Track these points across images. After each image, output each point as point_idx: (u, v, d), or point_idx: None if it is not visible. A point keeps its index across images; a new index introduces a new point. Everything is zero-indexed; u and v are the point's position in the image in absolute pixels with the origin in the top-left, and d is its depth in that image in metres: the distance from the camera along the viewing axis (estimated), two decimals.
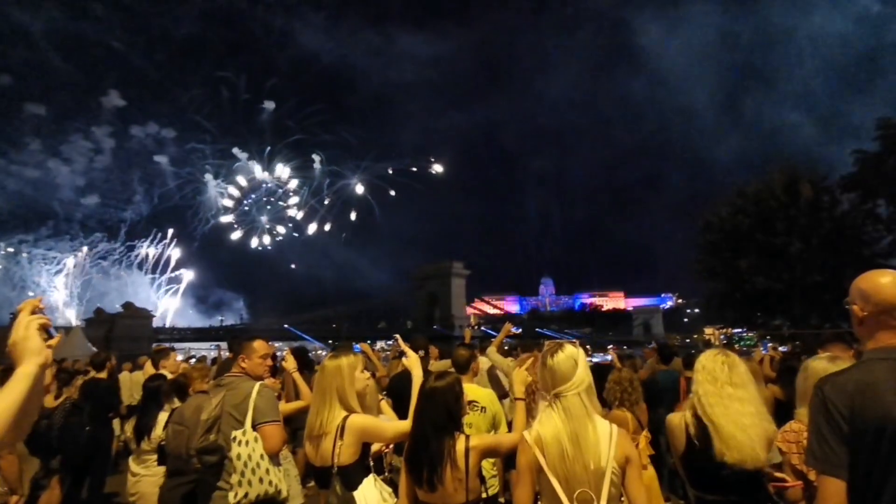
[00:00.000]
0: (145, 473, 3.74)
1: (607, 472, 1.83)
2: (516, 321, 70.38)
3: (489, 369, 5.16)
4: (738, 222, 23.80)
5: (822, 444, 1.55)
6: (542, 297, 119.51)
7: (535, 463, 1.90)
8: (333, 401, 2.46)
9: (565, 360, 2.00)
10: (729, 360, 2.53)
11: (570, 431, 1.88)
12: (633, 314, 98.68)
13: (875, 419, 1.50)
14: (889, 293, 1.63)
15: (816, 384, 1.65)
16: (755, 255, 23.01)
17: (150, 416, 3.81)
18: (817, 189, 23.31)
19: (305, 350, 5.94)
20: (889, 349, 1.60)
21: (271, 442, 2.68)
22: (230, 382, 2.84)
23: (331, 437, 2.38)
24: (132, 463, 3.85)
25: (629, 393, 3.88)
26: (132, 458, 3.88)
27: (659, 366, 6.25)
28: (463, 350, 3.97)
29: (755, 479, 2.40)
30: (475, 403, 3.58)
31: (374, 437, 2.51)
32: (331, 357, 2.63)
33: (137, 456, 3.82)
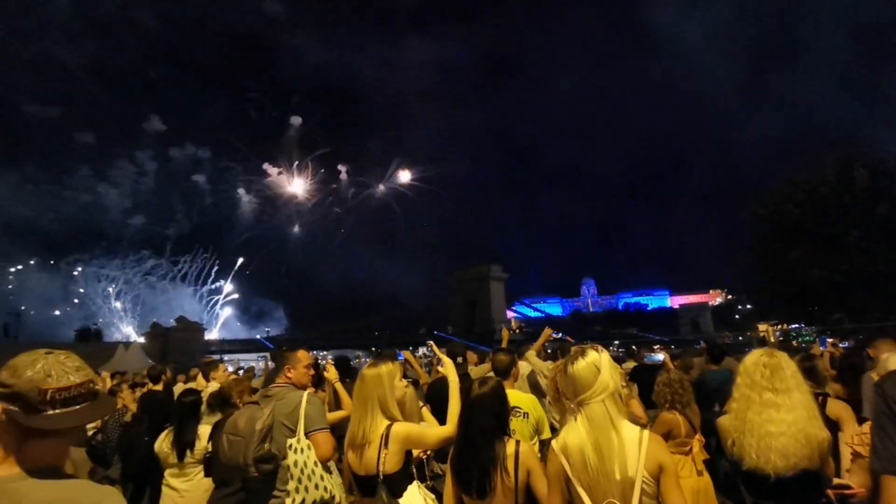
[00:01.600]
0: (188, 489, 3.82)
1: (637, 481, 1.77)
2: (558, 324, 69.32)
3: (529, 374, 5.11)
4: (787, 212, 22.70)
5: (885, 443, 1.48)
6: (585, 299, 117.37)
7: (562, 472, 1.88)
8: (375, 409, 2.50)
9: (586, 367, 1.96)
10: (772, 363, 2.42)
11: (594, 440, 1.84)
12: (679, 312, 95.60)
13: None
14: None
15: (877, 382, 1.58)
16: (808, 245, 21.88)
17: (189, 430, 3.87)
18: (874, 173, 22.00)
19: (347, 359, 6.05)
20: None
21: (323, 449, 2.73)
22: (278, 392, 2.92)
23: (375, 445, 2.42)
24: (171, 479, 3.89)
25: (680, 395, 3.76)
26: (169, 473, 3.91)
27: (709, 365, 6.04)
28: (503, 355, 3.95)
29: (811, 484, 2.29)
30: (517, 409, 3.55)
31: (418, 444, 2.54)
32: (370, 366, 2.67)
33: (180, 470, 3.87)
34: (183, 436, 3.86)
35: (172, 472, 3.90)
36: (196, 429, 3.89)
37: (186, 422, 3.92)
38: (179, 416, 3.97)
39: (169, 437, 3.92)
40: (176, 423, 3.94)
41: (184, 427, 3.89)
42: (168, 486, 3.90)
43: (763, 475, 2.30)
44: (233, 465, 2.79)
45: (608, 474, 1.80)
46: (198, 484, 3.79)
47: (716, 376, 5.39)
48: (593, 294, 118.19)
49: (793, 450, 2.26)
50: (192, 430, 3.88)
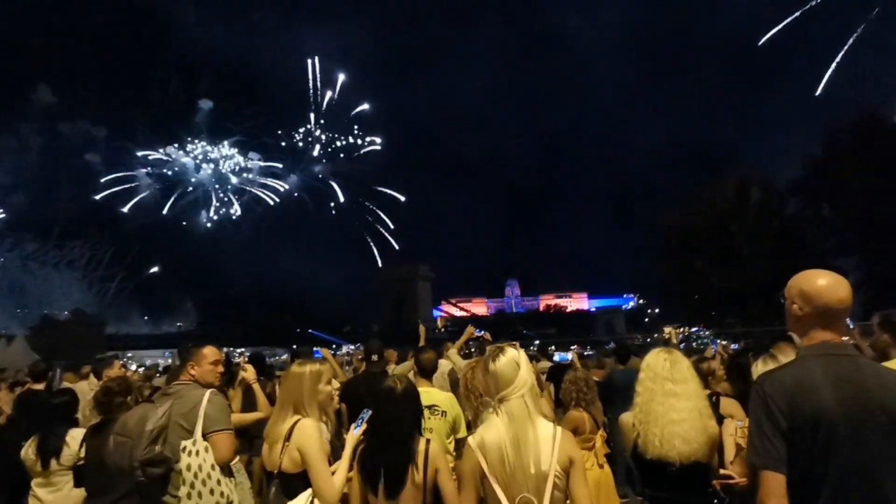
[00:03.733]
0: (55, 500, 3.44)
1: (550, 476, 1.83)
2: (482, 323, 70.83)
3: (449, 372, 5.15)
4: (693, 225, 24.71)
5: (762, 441, 1.60)
6: (508, 299, 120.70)
7: (478, 469, 1.89)
8: (289, 408, 2.41)
9: (507, 363, 1.99)
10: (671, 357, 2.62)
11: (512, 436, 1.86)
12: (596, 314, 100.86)
13: (811, 414, 1.55)
14: (827, 295, 1.69)
15: (756, 381, 1.71)
16: (709, 256, 23.94)
17: (56, 435, 3.46)
18: (766, 192, 24.46)
19: (263, 357, 5.78)
20: (824, 346, 1.67)
21: (223, 451, 2.58)
22: (178, 391, 2.73)
23: (280, 442, 2.34)
24: (37, 489, 3.49)
25: (585, 393, 3.95)
26: (35, 482, 3.51)
27: (617, 365, 6.39)
28: (427, 353, 3.94)
29: (702, 475, 2.48)
30: (436, 407, 3.56)
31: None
32: (297, 364, 2.56)
33: (46, 479, 3.46)
34: (47, 441, 3.44)
35: (38, 482, 3.50)
36: (65, 433, 3.48)
37: (54, 425, 3.50)
38: (47, 418, 3.56)
39: (35, 442, 3.50)
40: (42, 427, 3.52)
41: (50, 431, 3.48)
42: (34, 497, 3.50)
43: (665, 465, 2.43)
44: (118, 470, 2.57)
45: (524, 469, 1.83)
46: (66, 495, 3.41)
47: (622, 376, 5.70)
48: (517, 295, 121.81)
49: (693, 435, 2.43)
50: (59, 435, 3.46)
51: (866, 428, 1.51)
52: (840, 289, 1.68)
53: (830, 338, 1.67)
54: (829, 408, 1.54)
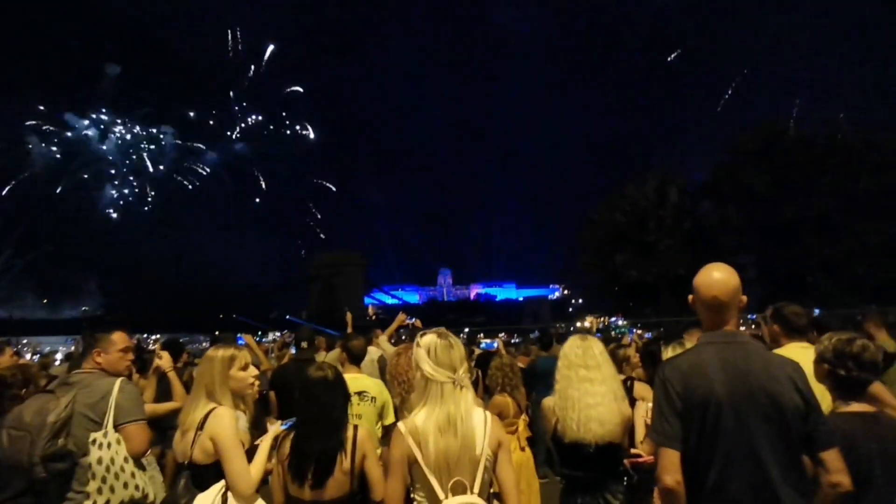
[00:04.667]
0: None
1: (482, 459, 1.86)
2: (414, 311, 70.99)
3: (379, 359, 5.15)
4: (615, 220, 26.11)
5: (661, 420, 1.75)
6: (440, 288, 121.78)
7: (409, 454, 1.88)
8: (202, 394, 2.31)
9: (442, 348, 1.99)
10: (584, 344, 2.78)
11: (446, 420, 1.88)
12: (523, 304, 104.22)
13: (702, 396, 1.72)
14: (709, 288, 1.85)
15: (659, 367, 1.87)
16: (629, 250, 25.43)
17: None
18: (682, 193, 26.28)
19: (179, 342, 5.46)
20: (716, 334, 1.85)
21: (136, 442, 2.44)
22: (81, 380, 2.52)
23: (192, 431, 2.23)
24: None
25: (510, 378, 4.10)
26: None
27: (540, 352, 6.67)
28: (356, 340, 3.92)
29: (616, 455, 2.67)
30: (365, 394, 3.56)
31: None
32: (213, 349, 2.45)
33: None
34: None
35: None
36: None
37: None
38: None
39: None
40: None
41: None
42: None
43: (582, 446, 2.59)
44: (12, 467, 2.35)
45: (459, 454, 1.85)
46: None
47: (544, 362, 5.96)
48: (449, 284, 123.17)
49: (608, 417, 2.60)
50: None
51: (749, 409, 1.70)
52: (719, 284, 1.84)
53: (725, 327, 1.85)
54: (717, 390, 1.71)
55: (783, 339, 2.87)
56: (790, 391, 1.71)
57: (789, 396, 1.70)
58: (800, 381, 1.74)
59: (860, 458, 1.85)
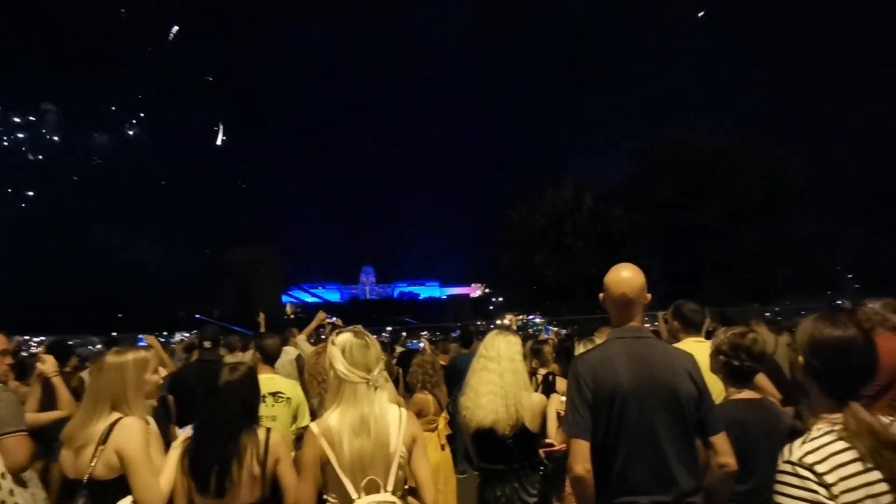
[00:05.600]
0: None
1: (395, 457, 1.86)
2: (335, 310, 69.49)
3: (297, 358, 4.99)
4: (534, 221, 27.18)
5: (573, 412, 1.85)
6: (363, 286, 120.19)
7: (322, 455, 1.85)
8: (107, 404, 2.13)
9: (356, 348, 1.97)
10: (494, 338, 2.90)
11: (360, 422, 1.86)
12: (447, 302, 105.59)
13: (610, 388, 1.83)
14: (615, 286, 1.99)
15: (572, 361, 1.96)
16: (547, 250, 26.57)
17: None
18: (597, 197, 27.88)
19: (66, 344, 4.94)
20: (624, 329, 1.98)
21: (16, 455, 2.23)
22: None
23: (92, 446, 2.05)
24: None
25: (430, 375, 4.14)
26: None
27: (461, 350, 6.78)
28: (271, 339, 3.76)
29: (530, 446, 2.76)
30: (280, 395, 3.43)
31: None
32: (115, 353, 2.24)
33: None
34: None
35: None
36: None
37: None
38: None
39: None
40: None
41: None
42: None
43: (488, 436, 2.67)
44: None
45: (374, 453, 1.83)
46: None
47: (465, 359, 6.07)
48: (371, 282, 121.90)
49: (495, 406, 2.68)
50: None
51: (651, 399, 1.83)
52: (627, 282, 1.99)
53: (631, 322, 1.99)
54: (623, 382, 1.83)
55: (681, 335, 3.13)
56: (686, 382, 1.86)
57: (685, 386, 1.85)
58: (694, 373, 1.90)
59: (749, 439, 2.05)
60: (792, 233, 22.74)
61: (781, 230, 22.59)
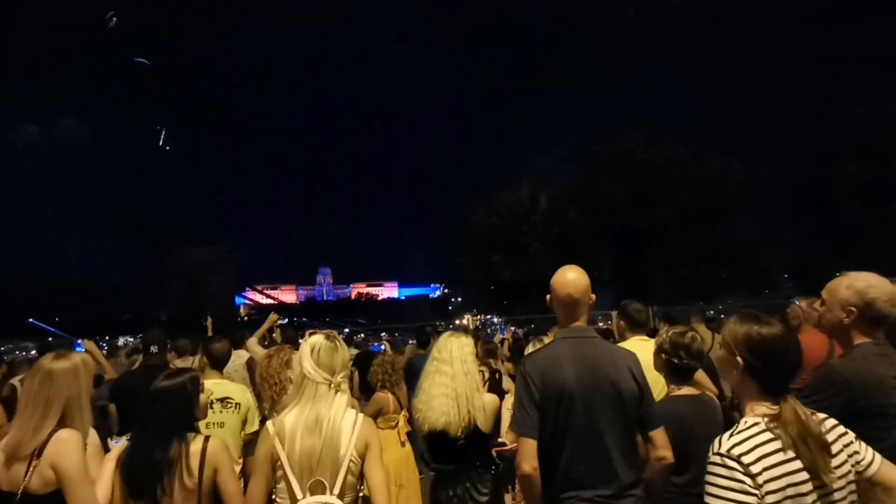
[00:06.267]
0: None
1: (345, 461, 1.86)
2: (291, 311, 67.97)
3: (248, 361, 4.88)
4: (491, 223, 27.50)
5: (521, 411, 1.90)
6: (320, 287, 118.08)
7: (273, 453, 1.86)
8: (55, 413, 2.02)
9: (324, 349, 1.98)
10: (446, 340, 2.95)
11: (315, 421, 1.87)
12: (405, 303, 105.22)
13: (556, 387, 1.89)
14: (560, 288, 2.06)
15: (521, 360, 2.01)
16: (504, 251, 26.94)
17: None
18: (553, 200, 28.48)
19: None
20: (570, 330, 2.05)
21: None
22: None
23: (27, 459, 1.94)
24: None
25: (390, 375, 4.16)
26: None
27: (418, 350, 6.79)
28: (219, 343, 3.66)
29: (482, 445, 2.80)
30: (228, 400, 3.35)
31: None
32: (56, 358, 2.12)
33: None
34: None
35: None
36: None
37: None
38: None
39: None
40: None
41: None
42: None
43: (441, 437, 2.69)
44: None
45: (324, 454, 1.83)
46: None
47: (421, 359, 6.08)
48: (328, 283, 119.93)
49: (447, 409, 2.71)
50: None
51: (595, 397, 1.91)
52: (573, 283, 2.07)
53: (577, 322, 2.05)
54: (569, 382, 1.90)
55: (627, 333, 3.25)
56: (628, 379, 1.95)
57: (627, 384, 1.94)
58: (636, 370, 1.99)
59: (687, 433, 2.16)
60: (733, 235, 23.97)
61: (724, 232, 23.80)
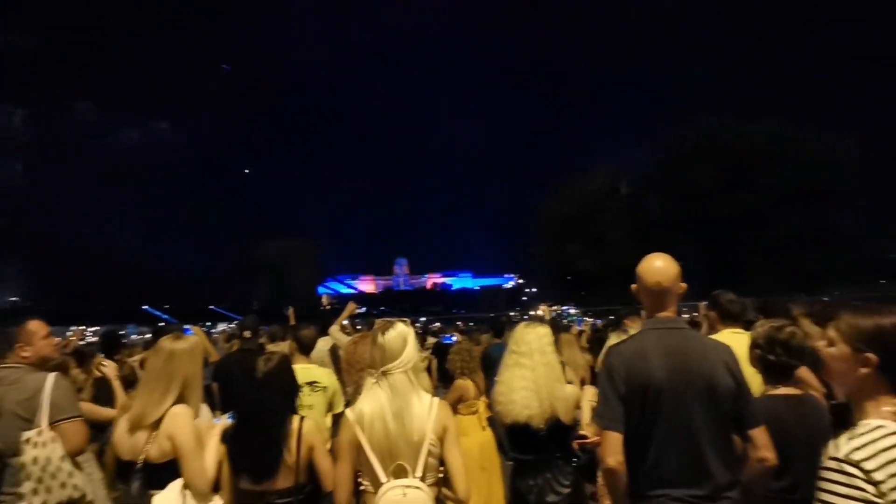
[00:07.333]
0: None
1: (424, 444, 1.90)
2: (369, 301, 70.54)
3: (331, 348, 5.11)
4: (566, 212, 26.81)
5: (604, 403, 1.83)
6: (397, 278, 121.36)
7: (355, 441, 1.92)
8: (173, 389, 2.22)
9: (395, 337, 2.01)
10: (524, 331, 2.89)
11: (395, 408, 1.91)
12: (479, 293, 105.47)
13: (642, 380, 1.80)
14: (649, 276, 1.94)
15: (606, 352, 1.95)
16: (580, 241, 26.20)
17: None
18: (632, 187, 27.27)
19: (118, 336, 5.17)
20: (658, 320, 1.94)
21: (74, 441, 2.36)
22: (7, 376, 2.39)
23: (147, 430, 2.17)
24: None
25: (467, 362, 4.21)
26: None
27: (493, 339, 6.79)
28: (306, 330, 3.88)
29: (563, 437, 2.76)
30: (316, 384, 3.53)
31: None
32: (174, 339, 2.34)
33: None
34: None
35: None
36: None
37: None
38: None
39: None
40: None
41: None
42: None
43: (522, 429, 2.67)
44: None
45: (402, 439, 1.88)
46: None
47: (497, 348, 6.08)
48: (405, 273, 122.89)
49: (529, 402, 2.68)
50: None
51: (686, 392, 1.80)
52: (661, 271, 1.94)
53: (666, 312, 1.94)
54: (656, 375, 1.80)
55: (719, 325, 3.05)
56: (723, 374, 1.82)
57: (722, 379, 1.81)
58: (732, 364, 1.85)
59: (786, 437, 1.98)
60: (841, 218, 21.64)
61: (827, 216, 21.54)
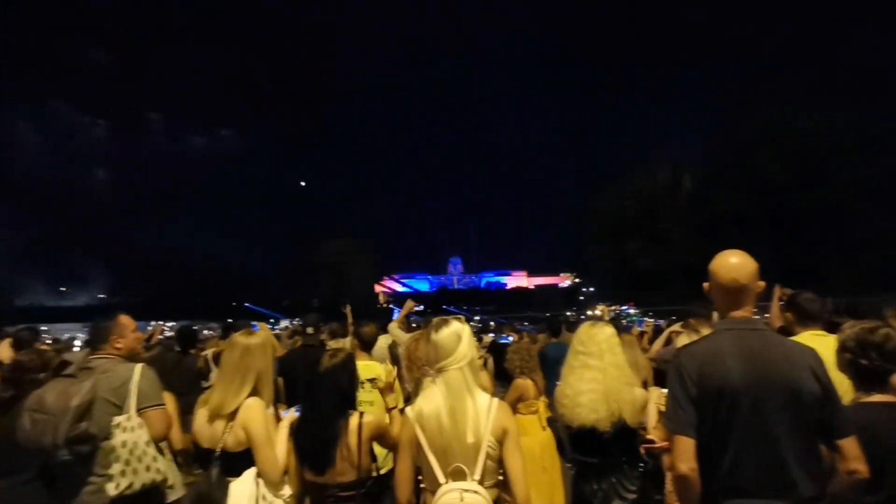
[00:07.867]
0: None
1: (483, 446, 1.87)
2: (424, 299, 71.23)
3: (390, 346, 5.19)
4: (625, 209, 25.90)
5: (675, 407, 1.75)
6: (451, 276, 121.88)
7: (414, 438, 1.93)
8: (248, 381, 2.35)
9: (449, 335, 2.01)
10: (590, 331, 2.79)
11: (450, 406, 1.90)
12: (534, 292, 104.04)
13: (716, 383, 1.70)
14: (723, 274, 1.82)
15: (675, 353, 1.86)
16: (640, 239, 25.25)
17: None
18: (697, 181, 25.98)
19: (192, 330, 5.50)
20: (734, 321, 1.83)
21: (157, 427, 2.52)
22: (100, 365, 2.59)
23: (224, 420, 2.30)
24: None
25: (527, 361, 4.16)
26: None
27: (550, 339, 6.68)
28: (367, 327, 3.96)
29: (628, 441, 2.67)
30: (376, 380, 3.60)
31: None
32: (246, 334, 2.48)
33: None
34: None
35: None
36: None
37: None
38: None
39: None
40: None
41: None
42: None
43: (588, 432, 2.60)
44: (34, 449, 2.42)
45: (459, 439, 1.87)
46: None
47: (554, 349, 5.98)
48: (459, 272, 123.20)
49: (597, 405, 2.59)
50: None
51: (766, 397, 1.68)
52: (738, 267, 1.82)
53: (741, 311, 1.83)
54: (733, 378, 1.69)
55: (797, 328, 2.85)
56: (809, 379, 1.69)
57: (808, 384, 1.68)
58: (818, 369, 1.72)
59: (881, 448, 1.82)
60: None
61: None
